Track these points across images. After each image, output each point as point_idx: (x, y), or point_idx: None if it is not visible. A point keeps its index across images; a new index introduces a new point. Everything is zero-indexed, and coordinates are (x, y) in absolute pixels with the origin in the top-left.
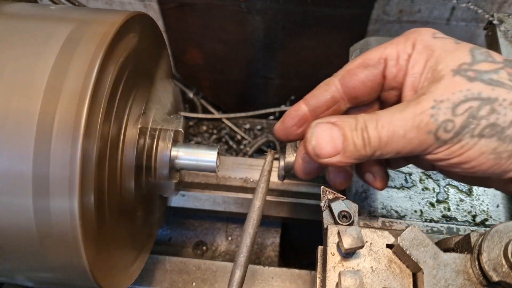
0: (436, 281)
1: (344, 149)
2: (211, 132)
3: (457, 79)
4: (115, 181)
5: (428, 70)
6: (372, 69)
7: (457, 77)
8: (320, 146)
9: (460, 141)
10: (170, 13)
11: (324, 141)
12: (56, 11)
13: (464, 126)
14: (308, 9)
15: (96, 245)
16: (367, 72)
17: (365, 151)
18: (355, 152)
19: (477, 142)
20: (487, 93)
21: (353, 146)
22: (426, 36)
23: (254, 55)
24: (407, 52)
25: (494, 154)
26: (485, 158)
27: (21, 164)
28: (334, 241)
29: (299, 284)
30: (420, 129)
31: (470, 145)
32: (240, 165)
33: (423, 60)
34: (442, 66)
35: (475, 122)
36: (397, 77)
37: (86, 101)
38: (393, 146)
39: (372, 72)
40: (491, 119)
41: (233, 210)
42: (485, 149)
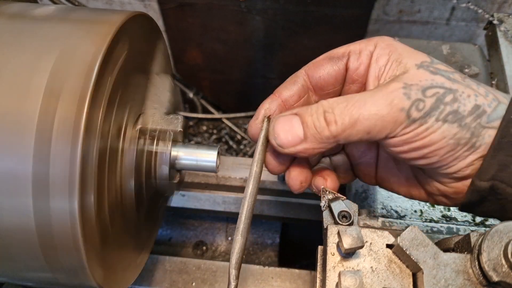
0: (436, 281)
1: (305, 134)
2: (211, 132)
3: (421, 71)
4: (115, 181)
5: (393, 63)
6: (336, 61)
7: (421, 70)
8: (281, 136)
9: (426, 122)
10: (170, 13)
11: (285, 130)
12: (56, 11)
13: (432, 108)
14: (308, 9)
15: (96, 245)
16: (332, 63)
17: (330, 132)
18: (317, 135)
19: (440, 126)
20: (449, 85)
21: (314, 130)
22: (387, 39)
23: (254, 55)
24: (369, 49)
25: (454, 139)
26: (445, 142)
27: (21, 165)
28: (334, 241)
29: (299, 284)
30: (393, 106)
31: (434, 128)
32: (240, 165)
33: (387, 54)
34: (406, 61)
35: (442, 107)
36: (359, 69)
37: (86, 101)
38: (365, 124)
39: (336, 63)
40: (454, 106)
41: (233, 210)
42: (447, 133)
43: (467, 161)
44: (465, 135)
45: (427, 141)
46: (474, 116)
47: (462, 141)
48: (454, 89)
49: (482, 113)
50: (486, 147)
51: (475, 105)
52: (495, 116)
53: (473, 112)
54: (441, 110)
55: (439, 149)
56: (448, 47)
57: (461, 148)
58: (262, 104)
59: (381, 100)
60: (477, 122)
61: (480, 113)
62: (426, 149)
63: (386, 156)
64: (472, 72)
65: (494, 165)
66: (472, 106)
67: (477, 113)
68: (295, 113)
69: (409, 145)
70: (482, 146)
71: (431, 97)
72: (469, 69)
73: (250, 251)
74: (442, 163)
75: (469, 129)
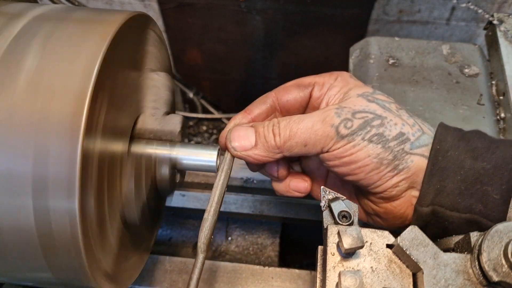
0: (436, 281)
1: (256, 142)
2: (211, 132)
3: (359, 99)
4: (115, 181)
5: (340, 94)
6: (303, 88)
7: (359, 98)
8: (237, 141)
9: (354, 140)
10: (170, 13)
11: (240, 136)
12: (56, 11)
13: (359, 128)
14: (308, 9)
15: (96, 245)
16: (299, 90)
17: (275, 142)
18: (265, 143)
19: (366, 145)
20: (380, 112)
21: (264, 138)
22: (346, 75)
23: (254, 55)
24: (331, 82)
25: (377, 159)
26: (369, 160)
27: (21, 164)
28: (334, 241)
29: (299, 284)
30: (325, 122)
31: (360, 146)
32: (240, 165)
33: (339, 87)
34: (351, 92)
35: (368, 128)
36: (319, 98)
37: (86, 101)
38: (302, 137)
39: (302, 91)
40: (379, 130)
41: (233, 210)
42: (371, 152)
43: (392, 182)
44: (387, 157)
45: (354, 157)
46: (398, 141)
47: (385, 161)
48: (383, 116)
49: (406, 140)
50: (409, 171)
51: (400, 132)
52: (417, 144)
53: (397, 138)
54: (367, 131)
55: (364, 166)
56: (448, 47)
57: (384, 168)
58: (233, 118)
59: (316, 117)
60: (400, 147)
61: (404, 140)
62: (354, 165)
63: (334, 176)
64: (472, 72)
65: (431, 191)
66: (397, 133)
67: (401, 139)
68: (251, 125)
69: (339, 160)
70: (405, 169)
71: (360, 119)
72: (469, 69)
73: (250, 251)
74: (369, 181)
75: (392, 152)
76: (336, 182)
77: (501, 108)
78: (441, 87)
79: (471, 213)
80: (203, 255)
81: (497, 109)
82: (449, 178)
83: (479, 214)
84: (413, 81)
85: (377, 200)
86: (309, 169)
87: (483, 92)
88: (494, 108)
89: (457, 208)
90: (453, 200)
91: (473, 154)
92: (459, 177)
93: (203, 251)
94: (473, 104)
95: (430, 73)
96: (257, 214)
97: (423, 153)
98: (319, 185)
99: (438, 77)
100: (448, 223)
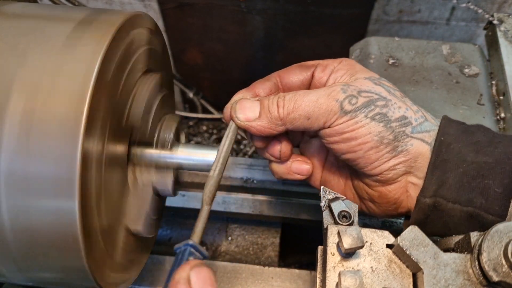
0: (436, 281)
1: (260, 113)
2: (211, 132)
3: (366, 81)
4: (115, 181)
5: (347, 75)
6: (305, 69)
7: (366, 80)
8: (242, 111)
9: (357, 116)
10: (170, 13)
11: (245, 107)
12: (56, 11)
13: (363, 105)
14: (308, 9)
15: (96, 245)
16: (301, 70)
17: (278, 113)
18: (269, 114)
19: (368, 122)
20: (385, 95)
21: (267, 110)
22: (350, 60)
23: (254, 55)
24: (334, 65)
25: (378, 137)
26: (370, 138)
27: (21, 165)
28: (334, 241)
29: (299, 284)
30: (330, 97)
31: (363, 123)
32: (240, 165)
33: (345, 69)
34: (358, 75)
35: (372, 107)
36: (322, 79)
37: (86, 101)
38: (305, 109)
39: (305, 71)
40: (383, 110)
41: (233, 210)
42: (372, 129)
43: (390, 164)
44: (388, 136)
45: (354, 133)
46: (400, 123)
47: (385, 140)
48: (388, 98)
49: (408, 123)
50: (407, 154)
51: (403, 115)
52: (419, 129)
53: (400, 120)
54: (371, 109)
55: (364, 143)
56: (448, 47)
57: (384, 148)
58: (237, 93)
59: (322, 92)
60: (402, 129)
61: (406, 123)
62: (354, 141)
63: (332, 161)
64: (472, 72)
65: (433, 183)
66: (400, 115)
67: (403, 122)
68: (257, 99)
69: (340, 136)
70: (403, 152)
71: (364, 98)
72: (469, 69)
73: (250, 251)
74: (367, 161)
75: (393, 132)
76: (332, 168)
77: (501, 108)
78: (441, 87)
79: (472, 206)
80: (208, 206)
81: (497, 109)
82: (451, 171)
83: (480, 208)
84: (413, 81)
85: (373, 183)
86: (308, 153)
87: (483, 92)
88: (494, 108)
89: (458, 200)
90: (455, 193)
91: (476, 147)
92: (461, 170)
93: (207, 203)
94: (473, 104)
95: (430, 73)
96: (257, 214)
97: (424, 138)
98: (317, 170)
99: (438, 77)
100: (448, 217)
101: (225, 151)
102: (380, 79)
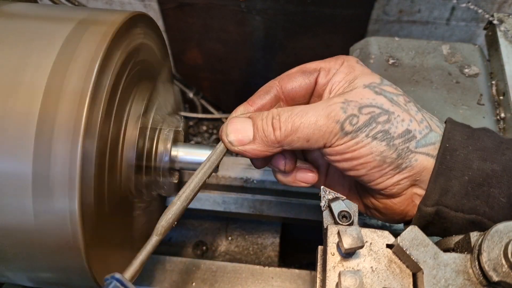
0: (436, 281)
1: (254, 136)
2: (211, 132)
3: (366, 90)
4: (115, 181)
5: (346, 81)
6: (308, 75)
7: (366, 89)
8: (233, 135)
9: (357, 137)
10: (170, 13)
11: (237, 130)
12: (56, 11)
13: (365, 124)
14: (308, 9)
15: (96, 245)
16: (304, 76)
17: (275, 136)
18: (264, 138)
19: (370, 142)
20: (387, 106)
21: (262, 132)
22: (352, 60)
23: (254, 55)
24: (336, 67)
25: (380, 156)
26: (372, 158)
27: (21, 165)
28: (334, 241)
29: (299, 284)
30: (330, 118)
31: (364, 143)
32: (240, 165)
33: (344, 73)
34: (357, 82)
35: (374, 124)
36: (325, 85)
37: (86, 101)
38: (304, 132)
39: (307, 77)
40: (385, 126)
41: (233, 210)
42: (374, 149)
43: (394, 180)
44: (391, 155)
45: (356, 154)
46: (404, 139)
47: (388, 159)
48: (390, 111)
49: (411, 138)
50: (412, 170)
51: (406, 129)
52: (423, 143)
53: (403, 135)
54: (372, 127)
55: (367, 163)
56: (448, 47)
57: (387, 167)
58: (235, 109)
59: (321, 111)
60: (405, 146)
61: (410, 138)
62: (356, 161)
63: (335, 169)
64: (472, 72)
65: (436, 191)
66: (403, 130)
67: (407, 137)
68: (249, 116)
69: (341, 155)
70: (408, 168)
71: (366, 115)
72: (469, 69)
73: (250, 251)
74: (370, 178)
75: (397, 150)
76: (336, 174)
77: (501, 108)
78: (441, 87)
79: (476, 214)
80: (157, 237)
81: (497, 109)
82: (456, 179)
83: (483, 215)
84: (413, 81)
85: (378, 196)
86: (312, 158)
87: (483, 92)
88: (494, 108)
89: (461, 209)
90: (459, 201)
91: (482, 154)
92: (466, 177)
93: (158, 234)
94: (473, 104)
95: (430, 73)
96: (257, 214)
97: (429, 152)
98: (322, 175)
99: (438, 77)
100: (450, 223)
101: (200, 176)
102: (381, 85)
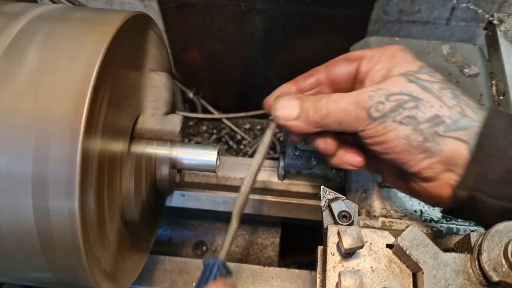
0: (436, 281)
1: (299, 114)
2: (211, 132)
3: (400, 79)
4: (114, 181)
5: (385, 69)
6: (351, 62)
7: (401, 77)
8: (281, 111)
9: (385, 122)
10: (170, 13)
11: (285, 107)
12: (56, 11)
13: (391, 110)
14: (308, 9)
15: (96, 245)
16: (347, 63)
17: (314, 118)
18: (306, 118)
19: (397, 127)
20: (417, 93)
21: (305, 113)
22: (396, 48)
23: (254, 55)
24: (379, 55)
25: (406, 140)
26: (398, 141)
27: (20, 164)
28: (334, 241)
29: (299, 284)
30: (358, 104)
31: (391, 127)
32: (240, 165)
33: (385, 62)
34: (394, 70)
35: (400, 110)
36: (366, 72)
37: (86, 100)
38: (336, 116)
39: (351, 64)
40: (412, 112)
41: (233, 210)
42: (400, 133)
43: (425, 163)
44: (417, 138)
45: (385, 137)
46: (431, 124)
47: (414, 143)
48: (419, 98)
49: (440, 122)
50: (442, 154)
51: (435, 114)
52: (454, 127)
53: (431, 120)
54: (399, 113)
55: (395, 146)
56: (448, 47)
57: (414, 149)
58: (280, 86)
59: (351, 99)
60: (432, 130)
61: (438, 122)
62: (386, 144)
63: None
64: (472, 72)
65: (472, 176)
66: (431, 115)
67: (434, 121)
68: (299, 97)
69: (373, 139)
70: (438, 152)
71: (392, 102)
72: (469, 69)
73: (250, 251)
74: (401, 161)
75: (423, 134)
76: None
77: (501, 108)
78: None
79: (510, 201)
80: (236, 223)
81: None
82: (493, 166)
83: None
84: None
85: (417, 180)
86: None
87: (483, 92)
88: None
89: (497, 196)
90: (494, 188)
91: None
92: (504, 165)
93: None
94: None
95: None
96: (257, 214)
97: (460, 137)
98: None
99: None
100: (485, 210)
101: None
102: (418, 73)
